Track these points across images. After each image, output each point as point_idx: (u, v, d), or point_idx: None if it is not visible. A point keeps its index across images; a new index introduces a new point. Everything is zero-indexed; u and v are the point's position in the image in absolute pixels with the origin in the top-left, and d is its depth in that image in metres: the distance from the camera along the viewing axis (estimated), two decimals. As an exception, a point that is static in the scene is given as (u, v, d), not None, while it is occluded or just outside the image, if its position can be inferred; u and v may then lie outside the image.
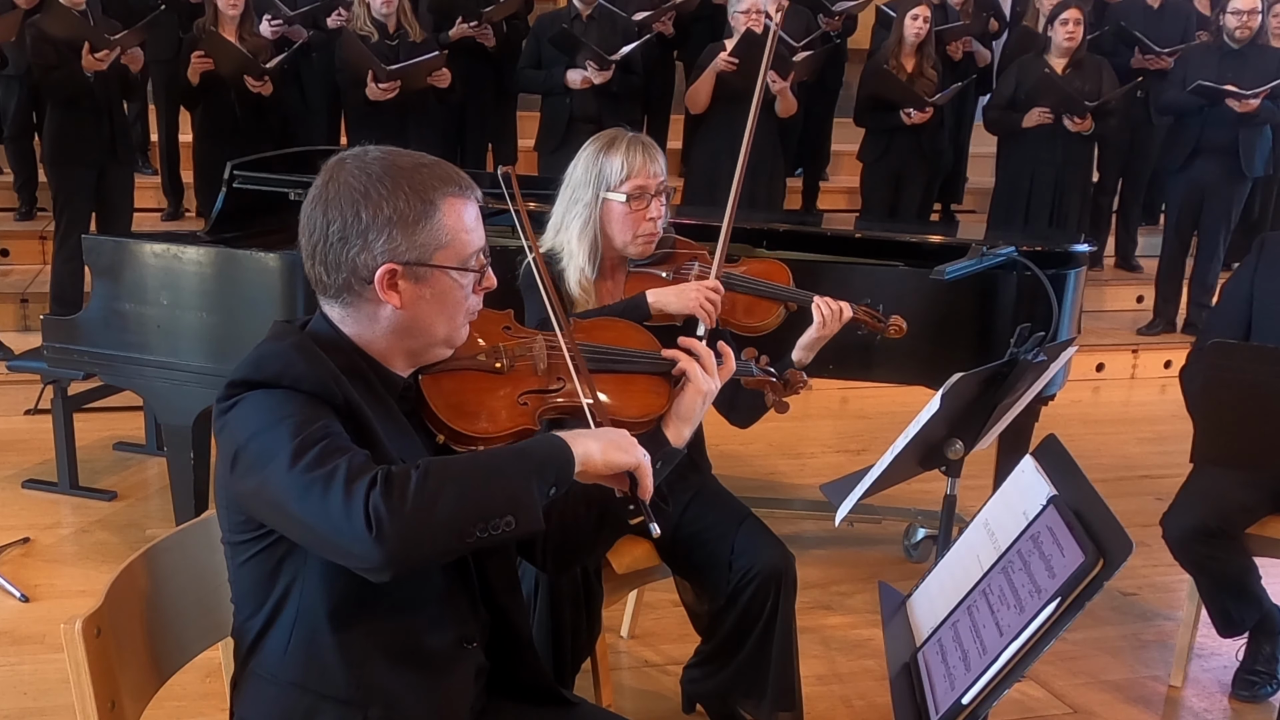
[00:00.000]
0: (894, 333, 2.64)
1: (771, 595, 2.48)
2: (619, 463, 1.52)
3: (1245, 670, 3.14)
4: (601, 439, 1.52)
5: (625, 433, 1.56)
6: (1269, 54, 6.06)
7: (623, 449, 1.53)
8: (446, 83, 5.49)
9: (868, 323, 2.62)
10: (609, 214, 2.49)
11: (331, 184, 1.55)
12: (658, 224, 2.52)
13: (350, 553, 1.37)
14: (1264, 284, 3.04)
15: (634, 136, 2.52)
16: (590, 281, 2.51)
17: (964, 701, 1.51)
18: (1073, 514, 1.57)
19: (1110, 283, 7.14)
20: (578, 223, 2.50)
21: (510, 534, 1.40)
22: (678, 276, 2.58)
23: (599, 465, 1.50)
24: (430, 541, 1.37)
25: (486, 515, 1.38)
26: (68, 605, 3.29)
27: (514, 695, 1.76)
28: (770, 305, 2.60)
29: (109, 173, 5.42)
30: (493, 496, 1.39)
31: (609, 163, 2.48)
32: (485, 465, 1.44)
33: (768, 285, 2.63)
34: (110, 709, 1.57)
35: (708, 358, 1.80)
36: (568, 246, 2.53)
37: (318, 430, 1.42)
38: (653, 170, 2.49)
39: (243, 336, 3.37)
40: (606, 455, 1.51)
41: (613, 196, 2.47)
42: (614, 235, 2.51)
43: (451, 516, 1.36)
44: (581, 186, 2.51)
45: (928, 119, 5.89)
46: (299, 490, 1.38)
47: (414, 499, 1.35)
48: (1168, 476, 4.36)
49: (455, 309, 1.59)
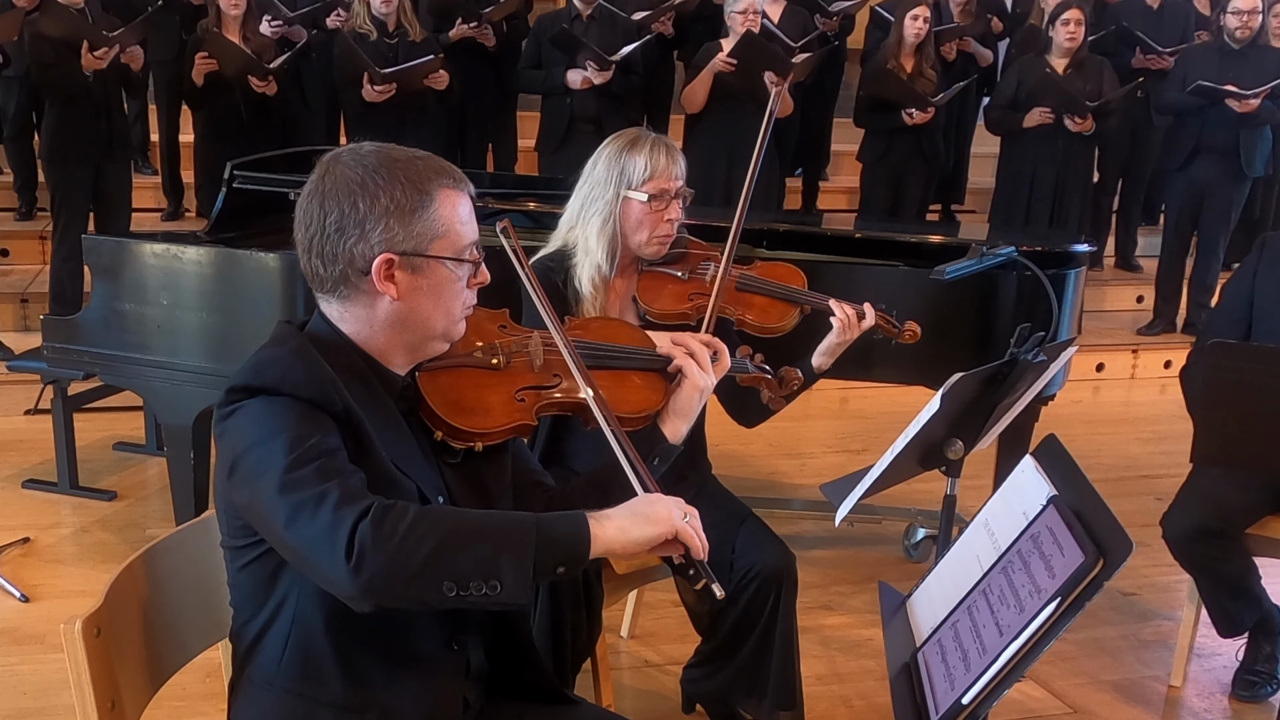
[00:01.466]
0: (909, 338, 2.66)
1: (773, 595, 2.49)
2: (650, 537, 1.45)
3: (1245, 670, 3.14)
4: (629, 515, 1.46)
5: (655, 500, 1.49)
6: (1269, 54, 6.06)
7: (651, 520, 1.45)
8: (444, 85, 5.48)
9: (884, 328, 2.63)
10: (628, 213, 2.49)
11: (328, 177, 1.56)
12: (674, 226, 2.52)
13: (329, 579, 1.39)
14: (1264, 284, 3.04)
15: (658, 137, 2.53)
16: (605, 279, 2.51)
17: (964, 701, 1.51)
18: (1073, 514, 1.57)
19: (1110, 283, 7.14)
20: (597, 220, 2.50)
21: (492, 601, 1.36)
22: (693, 277, 2.58)
23: (628, 545, 1.44)
24: (405, 585, 1.36)
25: (461, 575, 1.35)
26: (68, 605, 3.29)
27: (514, 695, 1.76)
28: (786, 308, 2.59)
29: (106, 171, 5.42)
30: (477, 558, 1.36)
31: (632, 162, 2.48)
32: (481, 525, 1.41)
33: (784, 288, 2.62)
34: (110, 709, 1.57)
35: (703, 354, 1.80)
36: (584, 243, 2.52)
37: (312, 448, 1.42)
38: (675, 172, 2.49)
39: (243, 336, 3.37)
40: (635, 533, 1.44)
41: (634, 195, 2.47)
42: (630, 234, 2.51)
43: (429, 566, 1.35)
44: (602, 184, 2.50)
45: (929, 119, 5.89)
46: (288, 510, 1.39)
47: (401, 539, 1.35)
48: (1168, 476, 4.36)
49: (452, 301, 1.60)
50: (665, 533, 1.45)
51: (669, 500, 1.49)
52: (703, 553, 1.48)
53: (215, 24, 5.43)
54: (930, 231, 4.77)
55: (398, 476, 1.55)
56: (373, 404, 1.57)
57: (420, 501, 1.57)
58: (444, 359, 1.67)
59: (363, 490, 1.42)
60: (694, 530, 1.48)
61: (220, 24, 5.43)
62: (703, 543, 1.48)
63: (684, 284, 2.57)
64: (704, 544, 1.48)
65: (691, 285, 2.57)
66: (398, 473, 1.55)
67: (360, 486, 1.42)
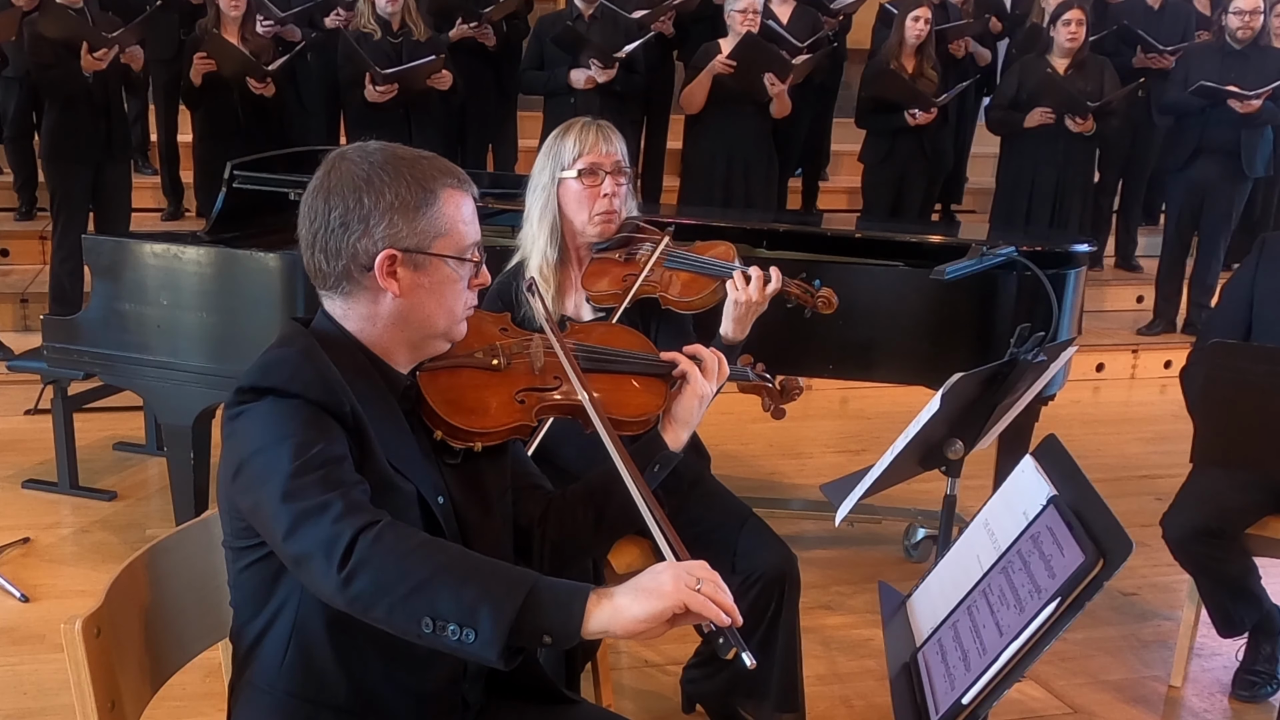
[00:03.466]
0: (823, 306, 2.60)
1: (775, 597, 2.48)
2: (651, 613, 1.31)
3: (1245, 670, 3.14)
4: (629, 591, 1.33)
5: (662, 571, 1.35)
6: (1270, 54, 6.05)
7: (654, 594, 1.32)
8: (447, 85, 5.48)
9: (797, 295, 2.59)
10: (565, 194, 2.52)
11: (333, 173, 1.57)
12: (614, 202, 2.52)
13: (320, 587, 1.39)
14: (1264, 284, 3.04)
15: (590, 120, 2.56)
16: (551, 266, 2.53)
17: (964, 701, 1.51)
18: (1073, 514, 1.57)
19: (1110, 283, 7.13)
20: (538, 208, 2.54)
21: (465, 650, 1.32)
22: (629, 260, 2.57)
23: (627, 624, 1.31)
24: (388, 610, 1.34)
25: (441, 614, 1.31)
26: (68, 605, 3.29)
27: (514, 695, 1.76)
28: (707, 282, 2.56)
29: (106, 171, 5.43)
30: (460, 601, 1.32)
31: (562, 145, 2.52)
32: (476, 569, 1.36)
33: (707, 262, 2.59)
34: (110, 709, 1.57)
35: (709, 361, 1.80)
36: (529, 232, 2.56)
37: (318, 456, 1.42)
38: (605, 149, 2.50)
39: (243, 336, 3.37)
40: (633, 610, 1.31)
41: (566, 174, 2.51)
42: (572, 217, 2.53)
43: (414, 596, 1.33)
44: (540, 172, 2.55)
45: (932, 119, 5.89)
46: (290, 518, 1.39)
47: (396, 561, 1.34)
48: (1168, 476, 4.36)
49: (454, 300, 1.60)
50: (670, 607, 1.31)
51: (678, 568, 1.35)
52: (727, 619, 1.32)
53: (214, 24, 5.43)
54: (930, 231, 4.77)
55: (398, 480, 1.55)
56: (377, 402, 1.57)
57: (420, 503, 1.58)
58: (445, 359, 1.67)
59: (366, 502, 1.42)
60: (709, 599, 1.32)
61: (219, 24, 5.43)
62: (726, 608, 1.32)
63: (622, 266, 2.58)
64: (728, 609, 1.32)
65: (627, 266, 2.57)
66: (398, 476, 1.55)
67: (363, 498, 1.42)
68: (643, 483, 1.51)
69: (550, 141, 2.55)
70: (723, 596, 1.33)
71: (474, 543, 1.65)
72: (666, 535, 1.43)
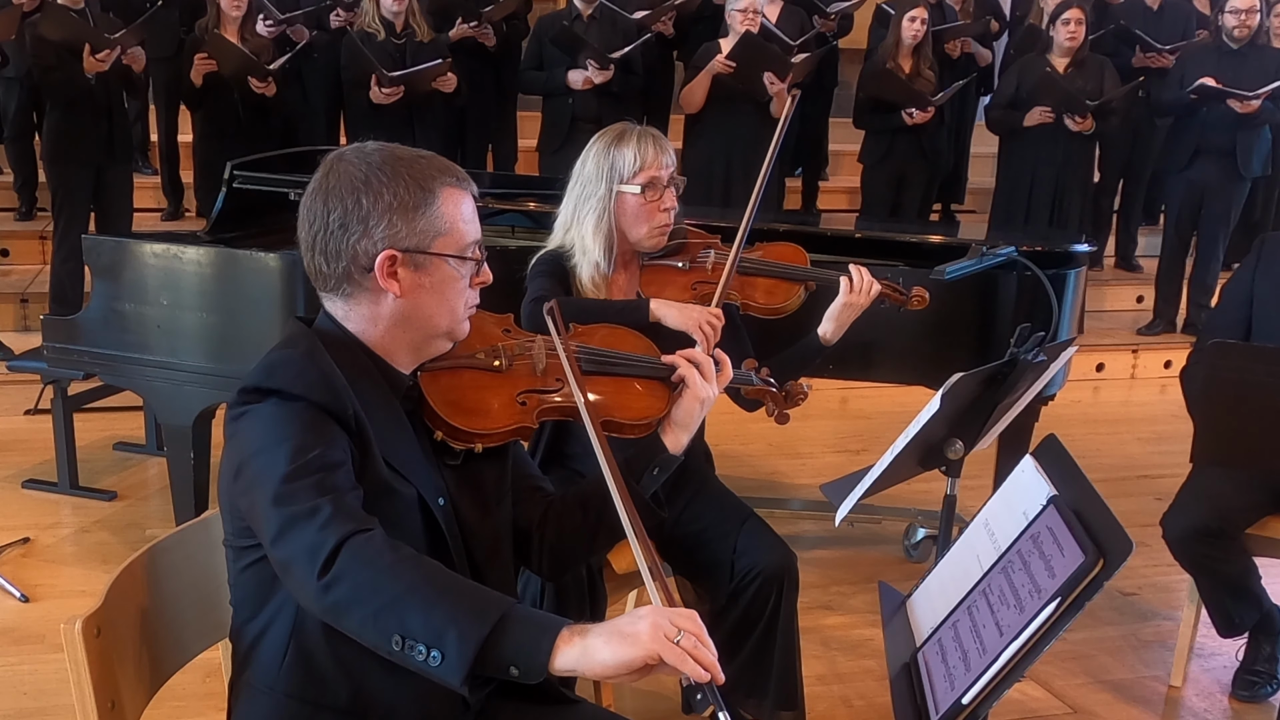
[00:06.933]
0: (916, 303, 2.68)
1: (774, 595, 2.48)
2: (620, 660, 1.25)
3: (1245, 670, 3.14)
4: (602, 633, 1.28)
5: (640, 617, 1.27)
6: (1269, 54, 6.05)
7: (627, 640, 1.25)
8: (452, 87, 5.48)
9: (891, 296, 2.65)
10: (623, 207, 2.50)
11: (332, 175, 1.56)
12: (671, 214, 2.53)
13: (300, 590, 1.39)
14: (1264, 284, 3.04)
15: (643, 129, 2.53)
16: (604, 277, 2.52)
17: (964, 701, 1.51)
18: (1073, 514, 1.57)
19: (1110, 283, 7.14)
20: (591, 218, 2.50)
21: (432, 672, 1.30)
22: (694, 266, 2.59)
23: (594, 668, 1.26)
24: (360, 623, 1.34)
25: (411, 632, 1.30)
26: (68, 605, 3.29)
27: (514, 695, 1.76)
28: (790, 286, 2.61)
29: (107, 172, 5.42)
30: (429, 621, 1.30)
31: (621, 155, 2.48)
32: (451, 589, 1.34)
33: (786, 267, 2.64)
34: (110, 709, 1.57)
35: (707, 365, 1.80)
36: (580, 242, 2.52)
37: (314, 460, 1.42)
38: (665, 161, 2.50)
39: (243, 336, 3.36)
40: (602, 654, 1.25)
41: (626, 189, 2.48)
42: (628, 229, 2.51)
43: (386, 611, 1.32)
44: (594, 181, 2.50)
45: (929, 119, 5.89)
46: (279, 521, 1.40)
47: (375, 574, 1.33)
48: (1168, 476, 4.36)
49: (455, 299, 1.60)
50: (642, 657, 1.24)
51: (660, 615, 1.27)
52: (705, 676, 1.23)
53: (215, 24, 5.42)
54: (930, 231, 4.77)
55: (398, 482, 1.55)
56: (379, 403, 1.57)
57: (420, 505, 1.58)
58: (446, 359, 1.67)
59: (358, 510, 1.41)
60: (687, 652, 1.24)
61: (220, 24, 5.42)
62: (706, 665, 1.24)
63: (686, 274, 2.58)
64: (708, 666, 1.24)
65: (694, 274, 2.58)
66: (399, 477, 1.55)
67: (356, 505, 1.42)
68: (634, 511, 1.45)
69: (601, 150, 2.50)
70: (703, 653, 1.25)
71: (473, 544, 1.65)
72: (655, 577, 1.35)
